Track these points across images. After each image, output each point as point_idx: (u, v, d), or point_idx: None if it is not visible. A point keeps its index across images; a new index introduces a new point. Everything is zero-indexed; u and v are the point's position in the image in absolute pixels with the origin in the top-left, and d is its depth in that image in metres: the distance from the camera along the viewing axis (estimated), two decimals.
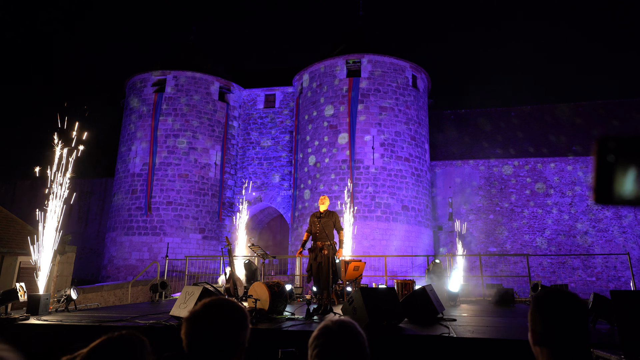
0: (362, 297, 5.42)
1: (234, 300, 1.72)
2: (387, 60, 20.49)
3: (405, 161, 19.66)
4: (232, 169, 22.89)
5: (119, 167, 22.12)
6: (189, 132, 21.45)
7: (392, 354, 4.68)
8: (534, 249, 20.91)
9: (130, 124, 22.15)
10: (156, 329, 5.43)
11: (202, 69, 22.47)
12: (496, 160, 22.25)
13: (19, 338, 5.66)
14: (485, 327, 5.82)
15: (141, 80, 22.53)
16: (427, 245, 19.76)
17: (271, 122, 23.51)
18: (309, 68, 21.55)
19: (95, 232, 25.93)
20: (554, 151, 21.97)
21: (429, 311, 6.12)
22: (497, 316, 7.21)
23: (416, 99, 20.96)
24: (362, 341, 1.53)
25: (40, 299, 6.67)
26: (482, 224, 21.69)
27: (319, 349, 1.49)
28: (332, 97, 20.29)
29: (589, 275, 20.32)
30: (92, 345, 1.42)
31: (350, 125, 19.52)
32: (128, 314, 7.11)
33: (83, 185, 27.06)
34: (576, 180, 21.39)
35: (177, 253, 19.59)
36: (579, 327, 1.50)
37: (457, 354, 4.58)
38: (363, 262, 9.88)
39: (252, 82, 24.46)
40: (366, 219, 18.55)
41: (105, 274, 20.44)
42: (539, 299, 1.58)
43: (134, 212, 20.57)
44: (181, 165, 21.01)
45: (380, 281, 15.73)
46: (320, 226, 7.21)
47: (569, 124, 23.06)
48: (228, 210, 22.34)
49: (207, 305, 1.64)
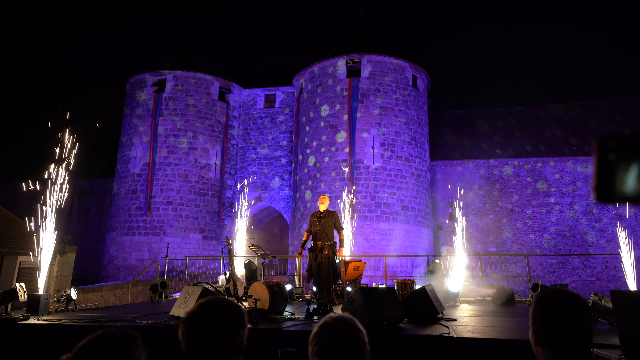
0: (362, 297, 5.42)
1: (231, 299, 1.72)
2: (387, 60, 20.49)
3: (405, 161, 19.67)
4: (232, 169, 22.90)
5: (119, 167, 22.12)
6: (189, 132, 21.45)
7: (392, 354, 4.68)
8: (534, 249, 20.91)
9: (130, 124, 22.15)
10: (156, 329, 5.43)
11: (202, 69, 22.47)
12: (496, 160, 22.25)
13: (19, 338, 5.66)
14: (485, 327, 5.82)
15: (141, 80, 22.53)
16: (427, 245, 19.76)
17: (271, 122, 23.51)
18: (309, 68, 21.55)
19: (95, 232, 25.92)
20: (554, 151, 21.97)
21: (429, 311, 6.12)
22: (497, 316, 7.21)
23: (416, 99, 20.96)
24: (362, 337, 1.53)
25: (40, 299, 6.67)
26: (482, 224, 21.69)
27: (319, 346, 1.50)
28: (332, 97, 20.29)
29: (589, 275, 20.33)
30: (81, 343, 1.41)
31: (350, 125, 19.52)
32: (128, 314, 7.11)
33: (83, 185, 27.06)
34: (576, 180, 21.39)
35: (177, 253, 19.59)
36: (580, 327, 1.50)
37: (457, 354, 4.58)
38: (363, 262, 9.89)
39: (252, 82, 24.46)
40: (366, 218, 18.55)
41: (105, 274, 20.44)
42: (541, 298, 1.58)
43: (134, 212, 20.57)
44: (181, 165, 21.01)
45: (380, 281, 15.73)
46: (320, 226, 7.21)
47: (569, 124, 23.06)
48: (228, 210, 22.34)
49: (202, 305, 1.64)
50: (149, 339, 1.53)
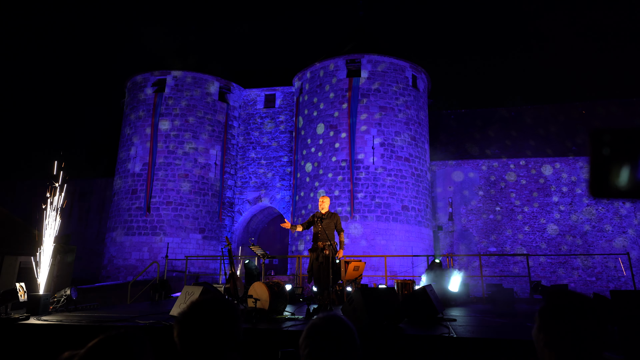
0: (362, 297, 5.42)
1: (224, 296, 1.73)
2: (387, 60, 20.49)
3: (405, 161, 19.66)
4: (232, 169, 22.90)
5: (119, 167, 22.12)
6: (189, 132, 21.45)
7: (392, 354, 4.68)
8: (534, 249, 20.91)
9: (130, 124, 22.16)
10: (156, 329, 5.43)
11: (202, 69, 22.48)
12: (496, 160, 22.25)
13: (19, 338, 5.66)
14: (485, 327, 5.82)
15: (141, 80, 22.53)
16: (427, 245, 19.75)
17: (271, 122, 23.51)
18: (309, 68, 21.55)
19: (95, 232, 25.93)
20: (554, 151, 21.98)
21: (429, 311, 6.12)
22: (497, 316, 7.21)
23: (416, 99, 20.96)
24: (349, 333, 1.53)
25: (40, 299, 6.67)
26: (482, 224, 21.69)
27: (309, 349, 1.50)
28: (332, 97, 20.30)
29: (589, 275, 20.33)
30: (91, 343, 1.41)
31: (350, 125, 19.52)
32: (128, 314, 7.11)
33: (83, 185, 27.07)
34: (576, 180, 21.39)
35: (177, 253, 19.59)
36: (590, 331, 1.47)
37: (457, 354, 4.58)
38: (363, 262, 9.88)
39: (252, 82, 24.46)
40: (366, 219, 18.55)
41: (105, 274, 20.43)
42: (550, 302, 1.54)
43: (134, 212, 20.57)
44: (181, 165, 21.01)
45: (380, 281, 15.73)
46: (321, 227, 7.26)
47: (569, 124, 23.06)
48: (228, 210, 22.35)
49: (194, 304, 1.65)
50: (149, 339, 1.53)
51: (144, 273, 16.67)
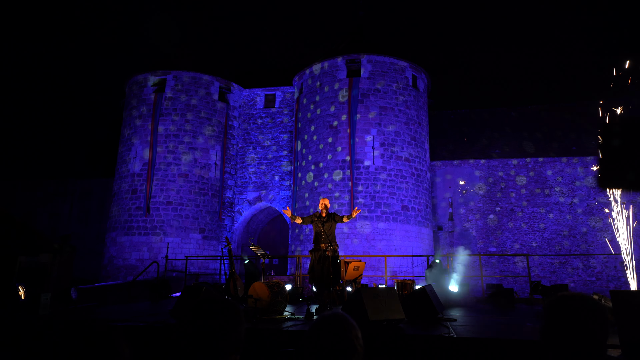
0: (362, 297, 5.42)
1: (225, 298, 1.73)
2: (387, 60, 20.49)
3: (405, 161, 19.67)
4: (232, 169, 22.90)
5: (119, 167, 22.12)
6: (189, 132, 21.45)
7: (392, 354, 4.68)
8: (534, 249, 20.91)
9: (130, 124, 22.16)
10: (156, 329, 5.43)
11: (202, 69, 22.48)
12: (496, 160, 22.25)
13: (19, 338, 5.66)
14: (485, 327, 5.82)
15: (141, 80, 22.53)
16: (427, 245, 19.76)
17: (271, 122, 23.52)
18: (309, 68, 21.55)
19: (95, 232, 25.93)
20: (554, 151, 21.98)
21: (429, 311, 6.12)
22: (497, 316, 7.21)
23: (416, 99, 20.96)
24: (351, 331, 1.52)
25: (41, 299, 6.67)
26: (482, 224, 21.69)
27: (313, 347, 1.50)
28: (332, 97, 20.30)
29: (589, 275, 20.33)
30: None
31: (350, 125, 19.52)
32: (128, 313, 7.11)
33: (83, 185, 27.08)
34: (576, 180, 21.39)
35: (177, 253, 19.59)
36: (595, 332, 1.46)
37: (457, 354, 4.58)
38: (363, 262, 9.89)
39: (252, 82, 24.47)
40: (366, 219, 18.55)
41: (105, 274, 20.43)
42: (555, 304, 1.53)
43: (134, 212, 20.56)
44: (181, 165, 21.01)
45: (380, 281, 15.73)
46: (323, 229, 7.33)
47: (569, 124, 23.06)
48: (228, 210, 22.35)
49: (198, 305, 1.64)
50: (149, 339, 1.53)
51: (144, 273, 16.65)
